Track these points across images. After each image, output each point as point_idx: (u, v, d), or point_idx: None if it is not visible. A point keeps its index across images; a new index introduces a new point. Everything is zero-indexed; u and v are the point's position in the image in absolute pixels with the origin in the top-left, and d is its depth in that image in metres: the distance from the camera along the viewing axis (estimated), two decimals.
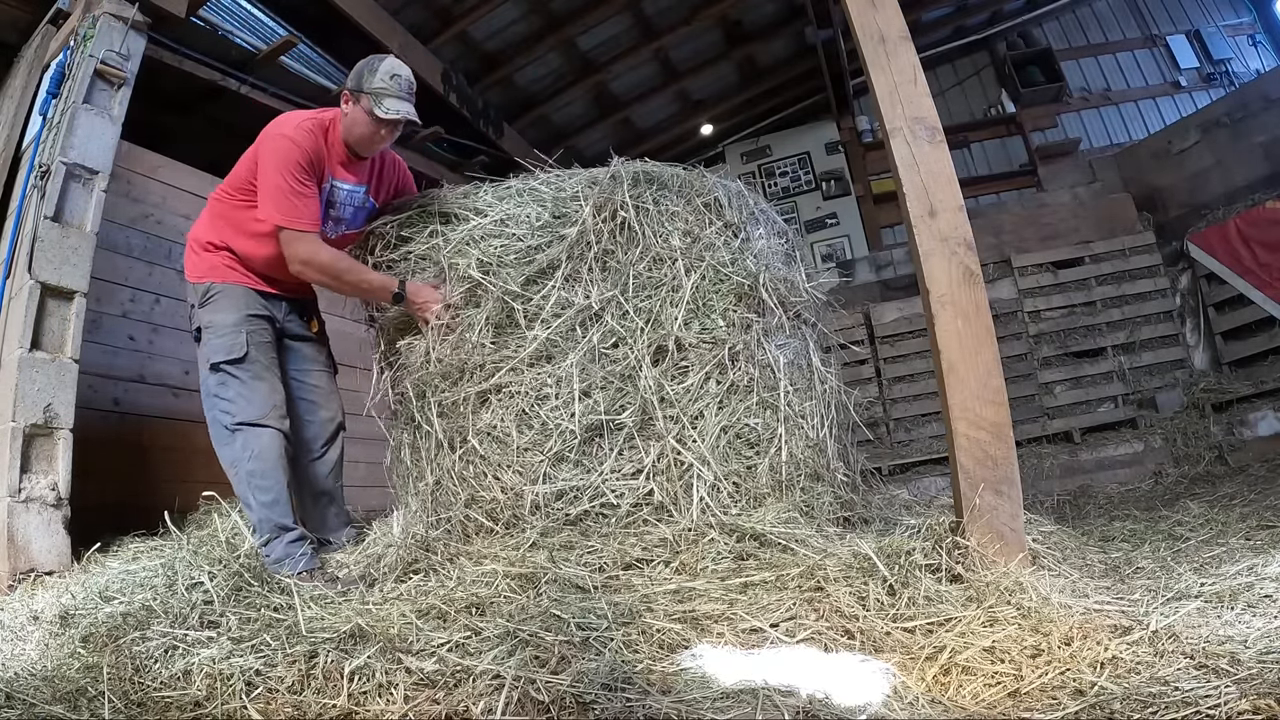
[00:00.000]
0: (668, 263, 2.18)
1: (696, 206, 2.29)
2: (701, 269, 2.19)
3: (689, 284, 2.15)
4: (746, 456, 2.08)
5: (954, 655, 1.28)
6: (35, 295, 2.47)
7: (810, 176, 7.20)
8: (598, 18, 5.58)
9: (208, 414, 2.19)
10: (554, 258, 2.13)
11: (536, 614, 1.49)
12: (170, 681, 1.33)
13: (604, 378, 2.07)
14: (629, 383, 2.08)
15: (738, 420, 2.09)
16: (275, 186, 2.10)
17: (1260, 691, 1.03)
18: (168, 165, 3.43)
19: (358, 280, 2.22)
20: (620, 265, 2.16)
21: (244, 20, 4.27)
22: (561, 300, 2.12)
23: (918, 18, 6.50)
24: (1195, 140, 5.04)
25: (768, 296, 2.23)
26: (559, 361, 2.09)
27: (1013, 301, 4.93)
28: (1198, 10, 7.23)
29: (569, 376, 2.06)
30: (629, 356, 2.08)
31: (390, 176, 2.49)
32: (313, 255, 2.13)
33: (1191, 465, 3.87)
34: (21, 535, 2.23)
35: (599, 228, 2.15)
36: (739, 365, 2.13)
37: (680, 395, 2.07)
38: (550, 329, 2.10)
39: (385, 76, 2.18)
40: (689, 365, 2.11)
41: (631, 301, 2.13)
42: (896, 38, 1.88)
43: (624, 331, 2.11)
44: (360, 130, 2.21)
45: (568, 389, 2.06)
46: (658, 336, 2.10)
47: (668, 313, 2.12)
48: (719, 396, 2.09)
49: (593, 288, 2.13)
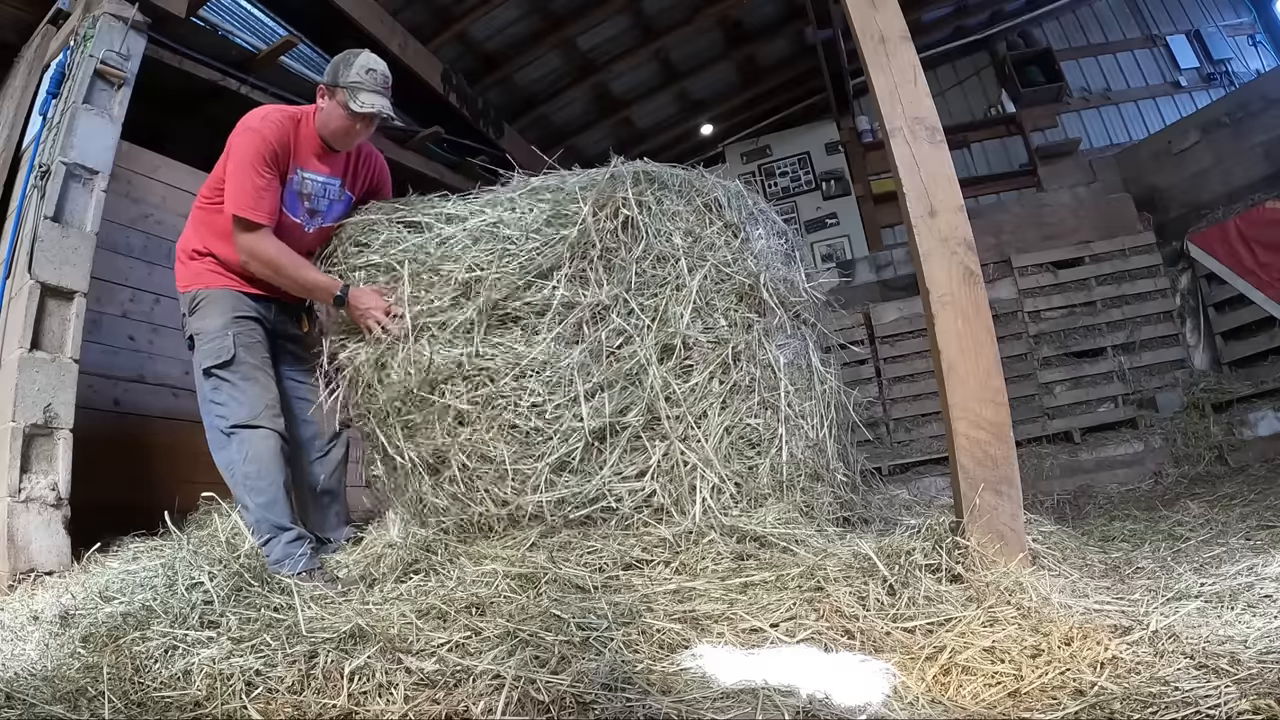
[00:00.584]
0: (670, 261, 2.17)
1: (697, 206, 2.29)
2: (705, 268, 2.17)
3: (694, 282, 2.13)
4: (748, 457, 2.08)
5: (954, 655, 1.28)
6: (35, 295, 2.47)
7: (810, 176, 7.20)
8: (598, 18, 5.59)
9: (204, 420, 2.19)
10: (558, 256, 2.10)
11: (536, 614, 1.49)
12: (170, 681, 1.33)
13: (607, 378, 2.05)
14: (635, 382, 2.06)
15: (740, 420, 2.08)
16: (235, 177, 2.10)
17: (1260, 691, 1.03)
18: (168, 165, 3.43)
19: (298, 276, 2.18)
20: (624, 263, 2.13)
21: (244, 20, 4.27)
22: (565, 299, 2.09)
23: (918, 18, 6.50)
24: (1195, 140, 5.03)
25: (768, 296, 2.23)
26: (559, 364, 2.06)
27: (1013, 301, 4.93)
28: (1198, 10, 7.24)
29: (570, 379, 2.04)
30: (637, 354, 2.05)
31: (365, 170, 2.46)
32: (255, 245, 2.12)
33: (1191, 465, 3.86)
34: (21, 535, 2.23)
35: (601, 226, 2.13)
36: (741, 365, 2.12)
37: (686, 395, 2.05)
38: (556, 329, 2.07)
39: (360, 71, 2.19)
40: (693, 364, 2.10)
41: (636, 299, 2.11)
42: (896, 38, 1.88)
43: (631, 329, 2.08)
44: (335, 124, 2.22)
45: (568, 391, 2.03)
46: (665, 335, 2.08)
47: (673, 311, 2.10)
48: (722, 396, 2.08)
49: (600, 286, 2.10)
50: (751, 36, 6.49)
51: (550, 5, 5.41)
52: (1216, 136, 4.94)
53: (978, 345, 1.70)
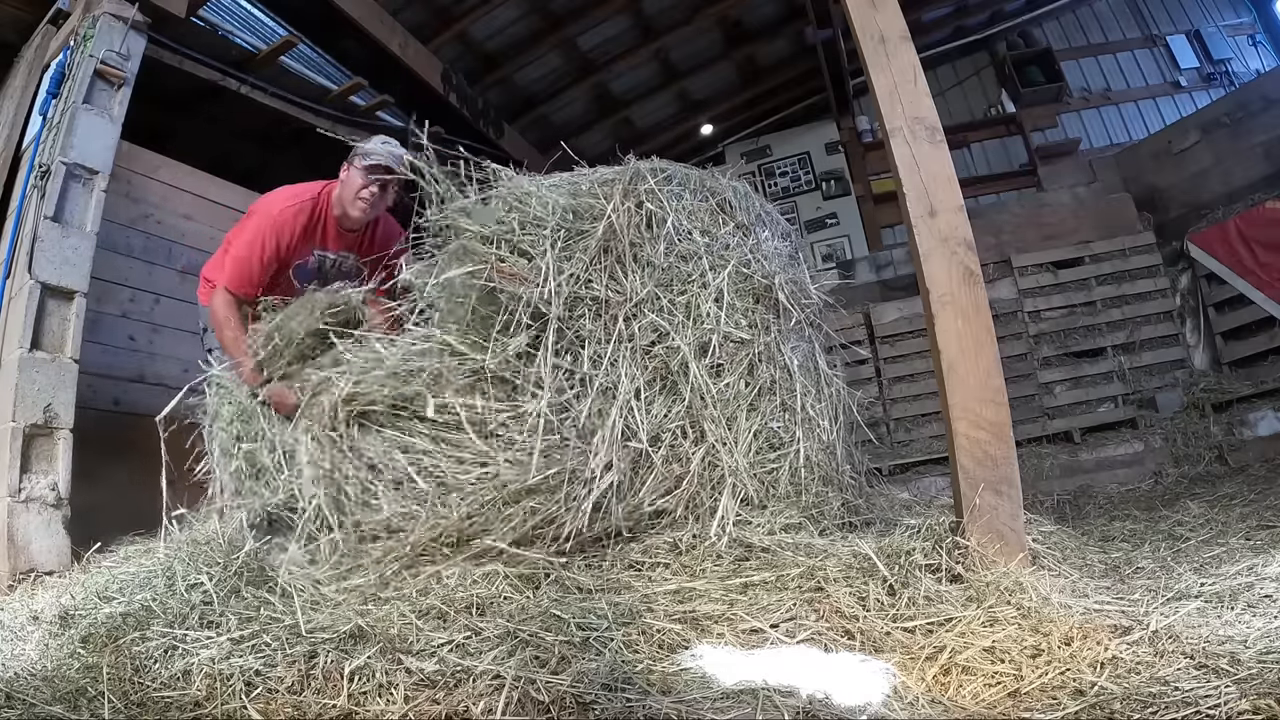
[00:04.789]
0: (694, 259, 2.14)
1: (711, 206, 2.28)
2: (726, 269, 2.14)
3: (720, 280, 2.09)
4: (770, 460, 2.06)
5: (954, 655, 1.28)
6: (35, 295, 2.47)
7: (810, 176, 7.20)
8: (598, 17, 5.58)
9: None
10: (588, 250, 2.02)
11: (536, 614, 1.49)
12: (170, 682, 1.33)
13: (646, 381, 1.97)
14: (673, 386, 1.99)
15: (764, 424, 2.06)
16: (237, 245, 2.39)
17: (1260, 691, 1.03)
18: (168, 165, 3.43)
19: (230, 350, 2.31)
20: (651, 257, 2.09)
21: (244, 20, 4.27)
22: (592, 302, 2.01)
23: (918, 18, 6.50)
24: (1195, 140, 5.03)
25: (784, 298, 2.21)
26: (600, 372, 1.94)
27: (1013, 301, 4.92)
28: (1198, 10, 7.23)
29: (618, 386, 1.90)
30: (681, 350, 1.99)
31: (373, 237, 2.61)
32: (217, 302, 2.33)
33: (1191, 465, 3.86)
34: (21, 535, 2.23)
35: (623, 221, 2.07)
36: (762, 367, 2.11)
37: (719, 395, 2.00)
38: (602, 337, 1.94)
39: (376, 143, 2.47)
40: (723, 365, 2.06)
41: (666, 295, 2.06)
42: (896, 38, 1.87)
43: (668, 326, 2.03)
44: (350, 188, 2.43)
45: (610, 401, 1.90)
46: (702, 332, 2.04)
47: (706, 308, 2.07)
48: (749, 399, 2.05)
49: (633, 277, 2.02)
50: (751, 36, 6.49)
51: (550, 5, 5.40)
52: (1216, 136, 4.94)
53: (978, 345, 1.69)
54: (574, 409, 1.92)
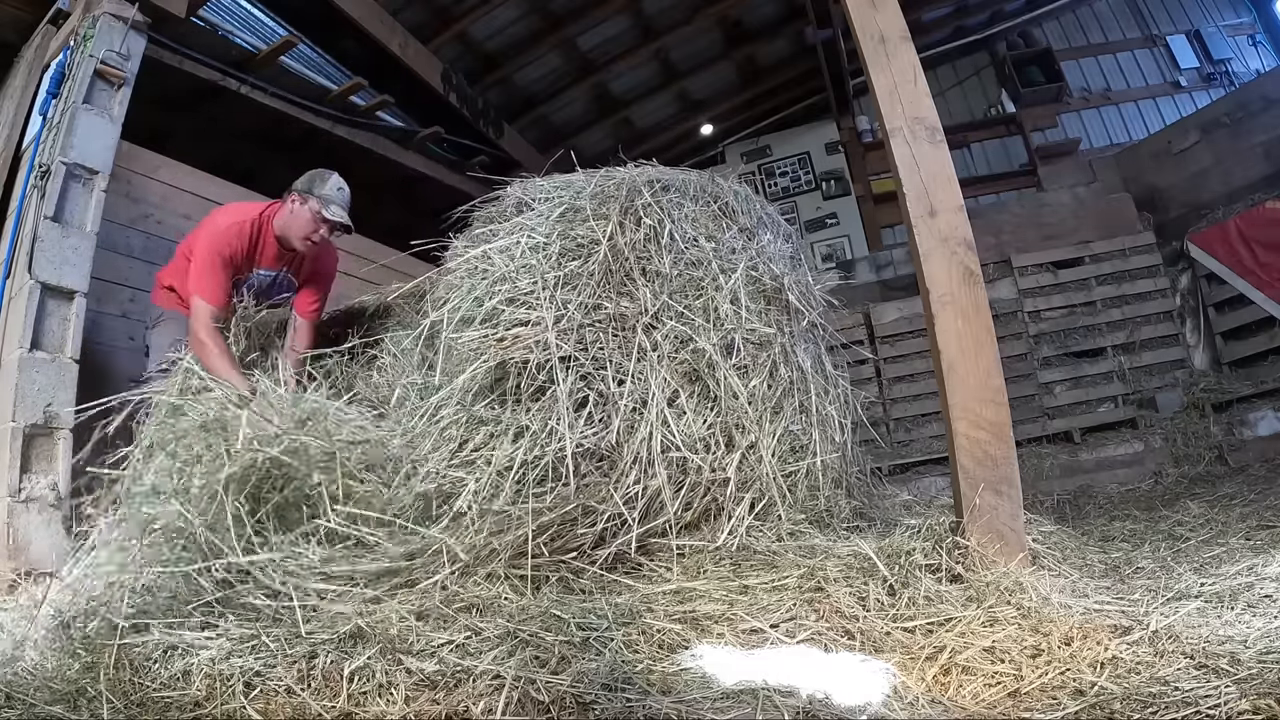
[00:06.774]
0: (703, 264, 2.13)
1: (713, 211, 2.27)
2: (737, 271, 2.13)
3: (733, 282, 2.07)
4: (789, 464, 2.05)
5: (954, 655, 1.28)
6: (35, 295, 2.47)
7: (810, 176, 7.19)
8: (598, 17, 5.58)
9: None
10: (593, 276, 1.99)
11: (536, 614, 1.49)
12: (170, 682, 1.33)
13: (674, 390, 1.94)
14: (706, 388, 1.97)
15: (786, 428, 2.04)
16: (198, 264, 2.46)
17: (1260, 691, 1.03)
18: (168, 165, 3.43)
19: (210, 365, 2.33)
20: (660, 268, 2.08)
21: (244, 20, 4.26)
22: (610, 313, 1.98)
23: (918, 18, 6.50)
24: (1195, 140, 5.03)
25: (794, 299, 2.21)
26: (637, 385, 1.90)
27: (1013, 301, 4.93)
28: (1198, 10, 7.23)
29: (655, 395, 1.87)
30: (707, 352, 1.97)
31: (312, 261, 2.74)
32: (195, 326, 2.38)
33: (1191, 465, 3.86)
34: (22, 535, 2.23)
35: (625, 240, 2.06)
36: (782, 369, 2.10)
37: (750, 397, 1.98)
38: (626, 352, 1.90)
39: (333, 189, 2.58)
40: (746, 367, 2.04)
41: (682, 302, 2.06)
42: (896, 38, 1.88)
43: (690, 331, 2.02)
44: (301, 225, 2.56)
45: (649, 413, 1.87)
46: (725, 332, 2.03)
47: (725, 309, 2.06)
48: (773, 401, 2.03)
49: (644, 290, 2.00)
50: (751, 36, 6.49)
51: (550, 5, 5.40)
52: (1216, 136, 4.94)
53: (978, 345, 1.69)
54: (606, 431, 1.87)
